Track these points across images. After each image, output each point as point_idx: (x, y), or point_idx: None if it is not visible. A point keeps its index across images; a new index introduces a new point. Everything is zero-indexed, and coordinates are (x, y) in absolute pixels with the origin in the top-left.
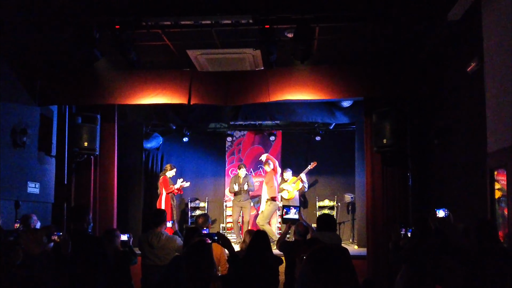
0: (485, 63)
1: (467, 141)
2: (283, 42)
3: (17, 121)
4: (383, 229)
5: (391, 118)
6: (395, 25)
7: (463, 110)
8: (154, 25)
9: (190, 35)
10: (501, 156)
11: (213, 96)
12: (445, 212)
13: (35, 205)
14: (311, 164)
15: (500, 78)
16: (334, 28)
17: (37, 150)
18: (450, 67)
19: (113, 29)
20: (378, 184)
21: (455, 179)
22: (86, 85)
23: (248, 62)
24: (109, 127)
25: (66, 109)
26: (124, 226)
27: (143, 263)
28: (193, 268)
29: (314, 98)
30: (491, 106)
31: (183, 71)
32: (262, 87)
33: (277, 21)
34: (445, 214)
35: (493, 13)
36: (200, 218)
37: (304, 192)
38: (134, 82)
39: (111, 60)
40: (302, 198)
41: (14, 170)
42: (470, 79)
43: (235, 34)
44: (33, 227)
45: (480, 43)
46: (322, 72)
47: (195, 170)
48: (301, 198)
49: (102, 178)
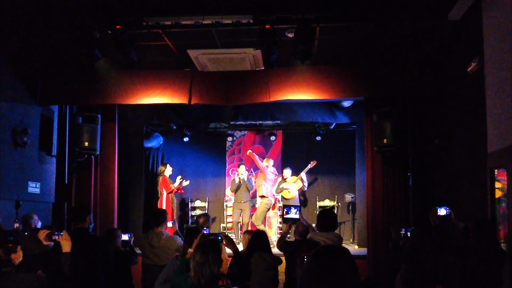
0: (485, 63)
1: (467, 141)
2: (283, 42)
3: (18, 121)
4: (383, 229)
5: (391, 118)
6: (396, 25)
7: (463, 110)
8: (154, 25)
9: (190, 35)
10: (501, 156)
11: (213, 96)
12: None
13: (36, 205)
14: (311, 163)
15: (500, 78)
16: (334, 28)
17: (38, 150)
18: (451, 67)
19: (114, 29)
20: (378, 184)
21: (455, 179)
22: (87, 85)
23: (249, 62)
24: (110, 127)
25: (67, 109)
26: (125, 226)
27: (143, 263)
28: (202, 266)
29: (315, 98)
30: (491, 106)
31: (184, 71)
32: (263, 87)
33: (278, 21)
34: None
35: (493, 13)
36: (201, 218)
37: (303, 192)
38: (134, 82)
39: (112, 60)
40: (302, 197)
41: (15, 169)
42: (471, 79)
43: (236, 34)
44: (34, 226)
45: (480, 43)
46: (323, 72)
47: (195, 170)
48: (301, 197)
49: (102, 178)
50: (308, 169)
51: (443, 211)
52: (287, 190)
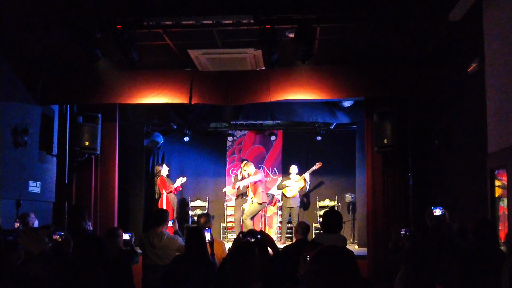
0: (485, 63)
1: (467, 141)
2: (284, 42)
3: (18, 120)
4: (384, 229)
5: (392, 118)
6: (396, 25)
7: (463, 110)
8: (155, 25)
9: (191, 35)
10: (501, 156)
11: (214, 95)
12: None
13: (36, 204)
14: (316, 165)
15: (500, 79)
16: (335, 28)
17: (38, 149)
18: (451, 67)
19: (114, 29)
20: (378, 184)
21: (456, 180)
22: (88, 85)
23: (249, 62)
24: (110, 126)
25: (67, 108)
26: (125, 226)
27: (144, 263)
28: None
29: (315, 98)
30: (491, 106)
31: (184, 71)
32: (263, 87)
33: (278, 21)
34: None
35: (494, 14)
36: (202, 218)
37: (307, 193)
38: (135, 81)
39: (112, 60)
40: (305, 199)
41: (15, 169)
42: (471, 79)
43: (236, 34)
44: (31, 225)
45: (481, 44)
46: (323, 72)
47: (195, 170)
48: (304, 199)
49: (103, 178)
50: (313, 170)
51: (438, 211)
52: (288, 188)
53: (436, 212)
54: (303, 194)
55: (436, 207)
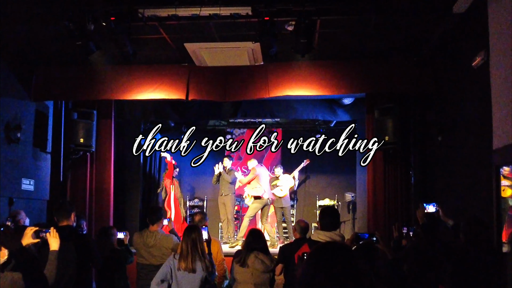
0: (491, 57)
1: (472, 137)
2: (283, 36)
3: (11, 117)
4: (385, 228)
5: (393, 114)
6: (399, 18)
7: (468, 105)
8: (150, 17)
9: (188, 28)
10: (507, 152)
11: (211, 91)
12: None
13: (30, 202)
14: (305, 162)
15: (506, 73)
16: (336, 21)
17: (32, 146)
18: (455, 61)
19: (108, 21)
20: (379, 182)
21: (459, 177)
22: (82, 80)
23: (248, 56)
24: (106, 123)
25: (62, 104)
26: (121, 224)
27: (138, 263)
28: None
29: (315, 93)
30: (496, 101)
31: (181, 66)
32: (262, 83)
33: (277, 13)
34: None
35: (499, 6)
36: (197, 216)
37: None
38: (131, 77)
39: (107, 55)
40: (294, 196)
41: (8, 166)
42: (475, 74)
43: (234, 27)
44: (22, 223)
45: (486, 37)
46: (323, 67)
47: (193, 168)
48: (292, 195)
49: (98, 175)
50: (302, 167)
51: (431, 208)
52: (279, 188)
53: (429, 209)
54: (291, 192)
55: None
